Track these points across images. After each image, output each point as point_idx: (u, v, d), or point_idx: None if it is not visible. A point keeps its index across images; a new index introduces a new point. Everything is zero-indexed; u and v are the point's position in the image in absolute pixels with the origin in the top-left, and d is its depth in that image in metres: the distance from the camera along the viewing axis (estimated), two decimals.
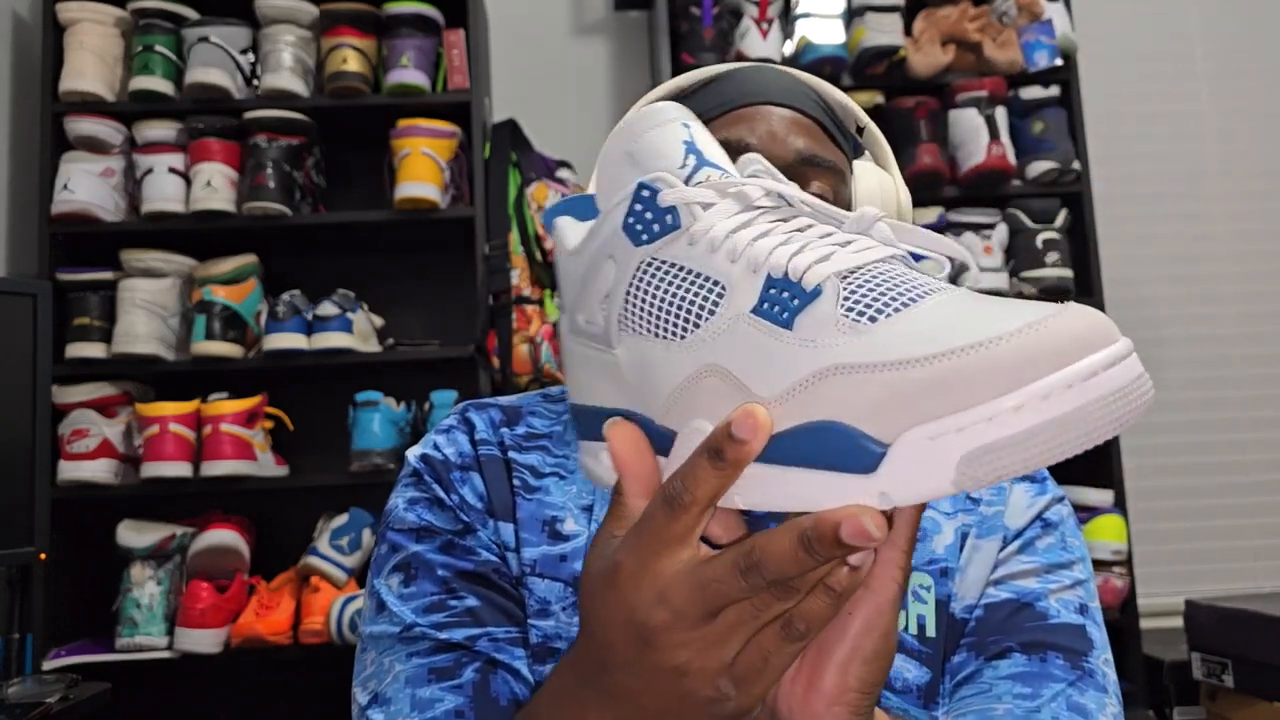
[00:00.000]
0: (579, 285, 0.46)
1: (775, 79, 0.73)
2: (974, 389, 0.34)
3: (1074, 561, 0.70)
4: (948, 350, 0.35)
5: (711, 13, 2.22)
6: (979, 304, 0.37)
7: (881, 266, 0.41)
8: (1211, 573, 2.47)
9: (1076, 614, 0.68)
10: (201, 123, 2.09)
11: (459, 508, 0.68)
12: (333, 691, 2.23)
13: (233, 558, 2.02)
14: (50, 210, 2.03)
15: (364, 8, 2.14)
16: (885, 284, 0.39)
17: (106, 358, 2.03)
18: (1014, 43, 2.24)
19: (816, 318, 0.38)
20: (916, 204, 2.21)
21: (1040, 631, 0.66)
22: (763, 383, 0.39)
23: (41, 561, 1.60)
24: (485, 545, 0.67)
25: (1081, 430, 0.34)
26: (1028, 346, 0.34)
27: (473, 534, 0.68)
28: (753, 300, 0.40)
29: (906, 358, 0.36)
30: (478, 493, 0.69)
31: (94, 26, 2.09)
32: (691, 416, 0.41)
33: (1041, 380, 0.34)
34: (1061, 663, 0.65)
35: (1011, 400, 0.34)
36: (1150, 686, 2.08)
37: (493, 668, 0.63)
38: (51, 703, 1.46)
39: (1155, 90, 2.65)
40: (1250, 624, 1.82)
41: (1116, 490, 2.13)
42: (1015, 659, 0.65)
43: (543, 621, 0.66)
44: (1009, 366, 0.34)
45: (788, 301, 0.39)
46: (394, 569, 0.67)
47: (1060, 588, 0.68)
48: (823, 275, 0.39)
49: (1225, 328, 2.59)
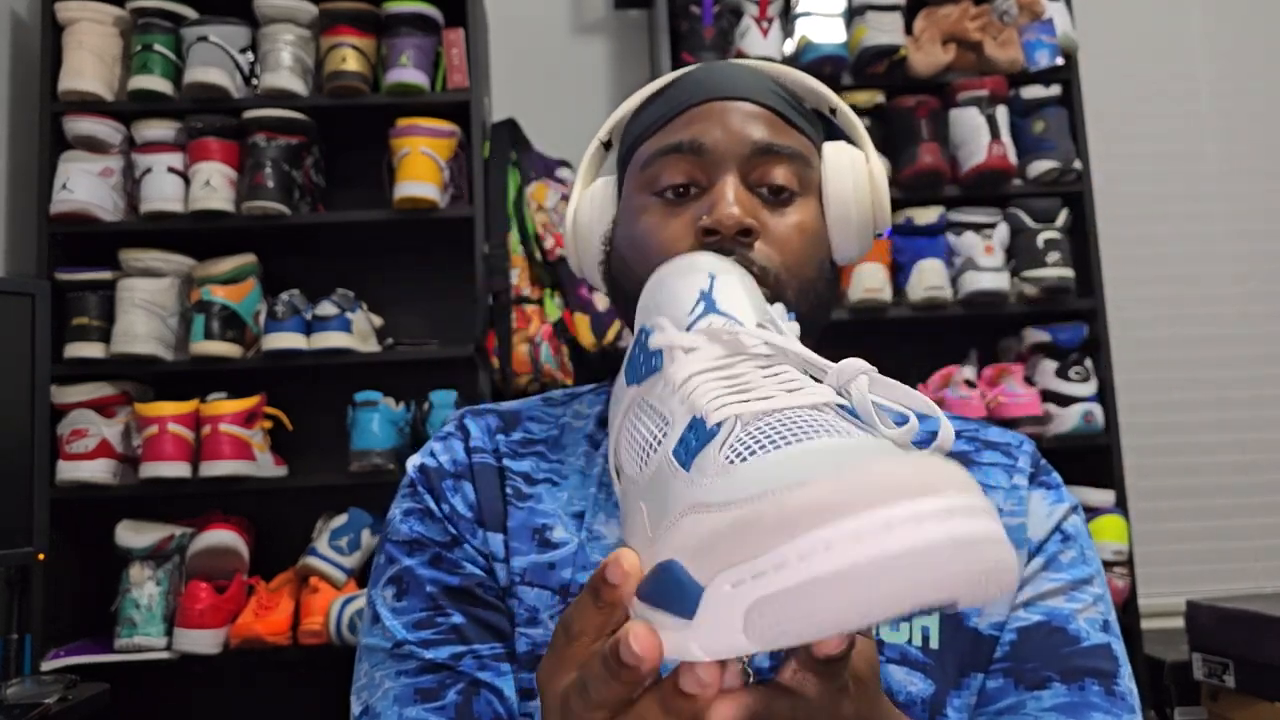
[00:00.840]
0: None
1: (727, 74, 0.73)
2: (766, 535, 0.31)
3: (1093, 576, 0.71)
4: (761, 492, 0.32)
5: (712, 12, 2.21)
6: (851, 452, 0.33)
7: (805, 413, 0.38)
8: (1212, 573, 2.47)
9: (1101, 632, 0.68)
10: (200, 122, 2.08)
11: (448, 518, 0.70)
12: (332, 692, 2.22)
13: (232, 558, 2.02)
14: (49, 210, 2.03)
15: (363, 7, 2.14)
16: (784, 428, 0.36)
17: (105, 358, 2.02)
18: (1015, 42, 2.24)
19: (706, 457, 0.37)
20: (917, 203, 2.20)
21: (1075, 657, 0.66)
22: (659, 522, 0.38)
23: (40, 562, 1.60)
24: (472, 558, 0.69)
25: (877, 590, 0.29)
26: (837, 491, 0.30)
27: (460, 546, 0.69)
28: (675, 440, 0.40)
29: (730, 499, 0.33)
30: (468, 502, 0.71)
31: (93, 26, 2.08)
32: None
33: (827, 528, 0.29)
34: (1098, 688, 0.66)
35: (796, 547, 0.30)
36: (1151, 687, 2.08)
37: (475, 689, 0.65)
38: (50, 703, 1.45)
39: (1156, 89, 2.64)
40: (1251, 624, 1.82)
41: (1117, 490, 2.13)
42: (1056, 689, 0.65)
43: (532, 630, 0.67)
44: (806, 512, 0.30)
45: (692, 441, 0.39)
46: (388, 581, 0.70)
47: (1085, 606, 0.69)
48: (724, 415, 0.38)
49: (1226, 327, 2.59)
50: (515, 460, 0.73)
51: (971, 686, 0.67)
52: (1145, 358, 2.52)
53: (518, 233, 2.13)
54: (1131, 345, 2.46)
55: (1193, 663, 1.95)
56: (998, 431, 0.77)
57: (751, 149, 0.70)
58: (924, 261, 2.15)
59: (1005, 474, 0.73)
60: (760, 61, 0.77)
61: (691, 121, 0.71)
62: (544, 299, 2.12)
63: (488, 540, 0.70)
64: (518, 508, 0.71)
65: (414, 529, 0.70)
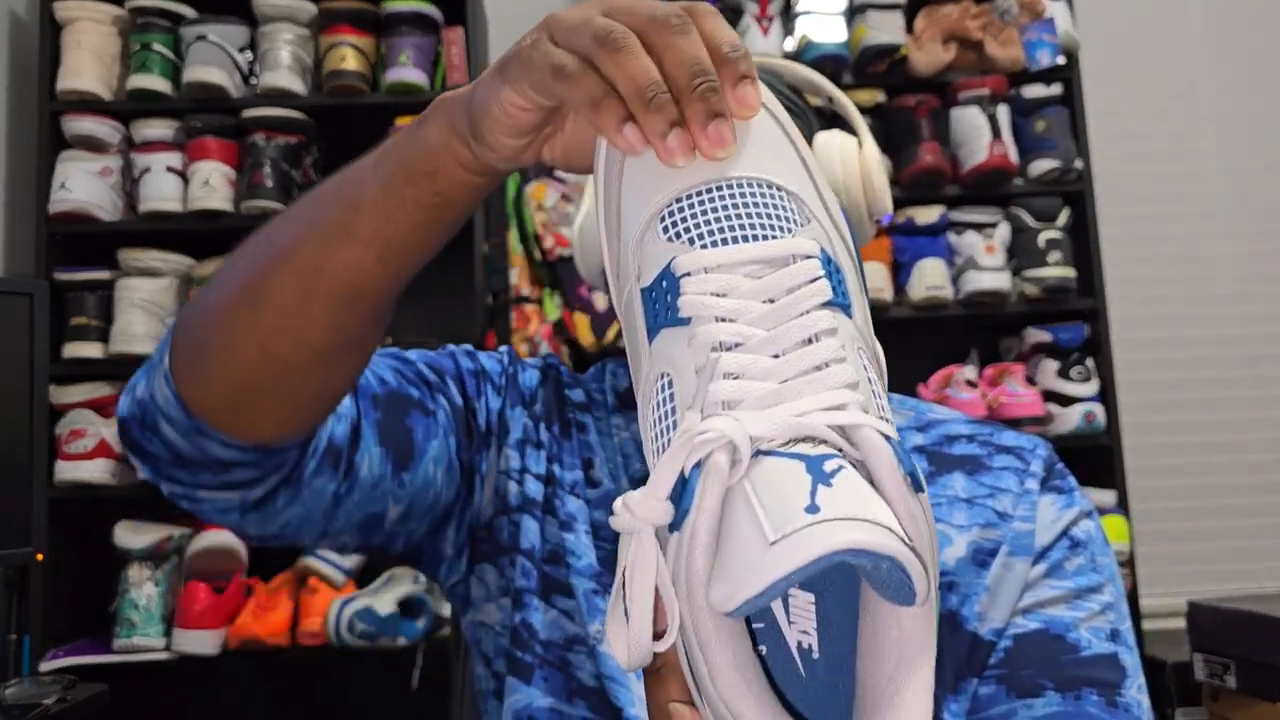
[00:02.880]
0: None
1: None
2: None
3: (1104, 584, 0.69)
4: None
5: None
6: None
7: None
8: (1214, 573, 2.46)
9: (1108, 641, 0.66)
10: (199, 121, 2.08)
11: (482, 374, 0.76)
12: (331, 692, 2.23)
13: (230, 558, 2.01)
14: (47, 209, 2.02)
15: (363, 6, 2.13)
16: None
17: (104, 357, 2.02)
18: (1016, 41, 2.23)
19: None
20: (918, 203, 2.20)
21: (1073, 666, 0.65)
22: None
23: (39, 562, 1.60)
24: (449, 401, 0.73)
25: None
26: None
27: (479, 396, 0.74)
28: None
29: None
30: (528, 387, 0.77)
31: (91, 25, 2.08)
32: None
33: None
34: (1096, 699, 0.64)
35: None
36: (1152, 687, 2.06)
37: (431, 409, 0.71)
38: (49, 704, 1.45)
39: (1158, 88, 2.64)
40: (1253, 625, 1.81)
41: (1118, 490, 2.13)
42: (1050, 698, 0.64)
43: (566, 534, 0.71)
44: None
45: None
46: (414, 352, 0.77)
47: (1090, 615, 0.67)
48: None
49: (1227, 327, 2.58)
50: (575, 412, 0.78)
51: (968, 691, 0.66)
52: (1147, 357, 2.51)
53: (517, 232, 2.13)
54: (1133, 345, 2.45)
55: (1194, 663, 1.94)
56: (1012, 435, 0.76)
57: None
58: (925, 261, 2.15)
59: (1017, 479, 0.72)
60: (759, 56, 0.77)
61: None
62: (543, 298, 2.12)
63: (536, 431, 0.74)
64: (576, 436, 0.76)
65: (456, 362, 0.75)
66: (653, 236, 0.41)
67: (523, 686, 0.68)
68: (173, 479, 0.60)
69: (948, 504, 0.71)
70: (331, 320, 0.53)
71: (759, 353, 0.37)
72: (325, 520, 0.66)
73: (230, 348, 0.55)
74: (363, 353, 0.58)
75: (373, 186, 0.50)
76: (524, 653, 0.69)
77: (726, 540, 0.34)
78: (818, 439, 0.35)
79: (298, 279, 0.52)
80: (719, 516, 0.34)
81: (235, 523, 0.63)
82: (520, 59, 0.43)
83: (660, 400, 0.39)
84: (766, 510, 0.33)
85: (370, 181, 0.51)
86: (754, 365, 0.37)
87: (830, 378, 0.37)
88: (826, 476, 0.33)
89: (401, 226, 0.50)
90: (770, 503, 0.33)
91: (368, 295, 0.53)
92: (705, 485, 0.34)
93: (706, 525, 0.34)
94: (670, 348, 0.39)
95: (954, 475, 0.72)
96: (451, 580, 0.76)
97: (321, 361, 0.55)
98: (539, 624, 0.69)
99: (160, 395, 0.57)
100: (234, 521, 0.63)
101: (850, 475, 0.34)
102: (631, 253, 0.42)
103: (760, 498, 0.34)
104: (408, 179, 0.49)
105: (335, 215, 0.51)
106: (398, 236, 0.50)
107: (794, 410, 0.36)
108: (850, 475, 0.34)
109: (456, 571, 0.75)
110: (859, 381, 0.37)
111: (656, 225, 0.41)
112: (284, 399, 0.56)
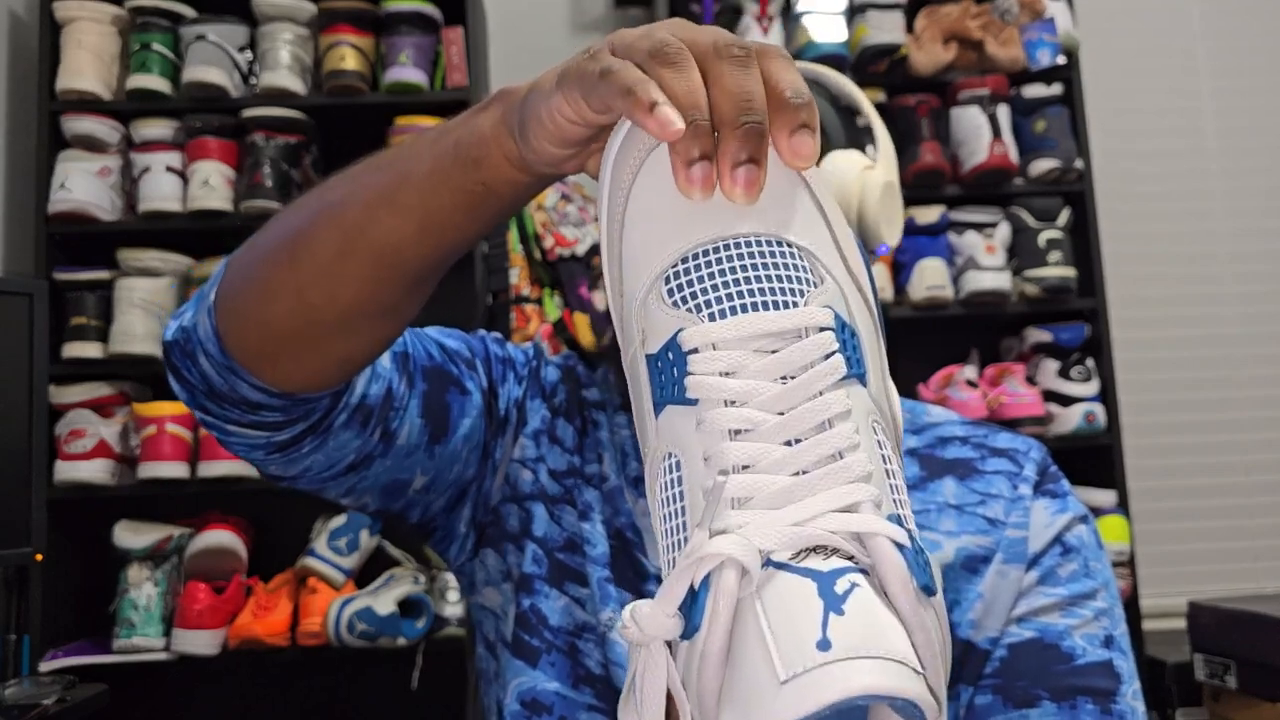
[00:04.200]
0: None
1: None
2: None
3: (1097, 590, 0.69)
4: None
5: (712, 10, 2.21)
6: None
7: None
8: (1214, 574, 2.46)
9: (1102, 648, 0.66)
10: (199, 121, 2.08)
11: (508, 362, 0.77)
12: (331, 693, 2.22)
13: (230, 559, 2.01)
14: (47, 209, 2.02)
15: (362, 5, 2.13)
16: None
17: (103, 357, 2.02)
18: (1016, 40, 2.23)
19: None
20: (919, 202, 2.20)
21: (1069, 675, 0.65)
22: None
23: (38, 562, 1.60)
24: (479, 383, 0.74)
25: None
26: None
27: (502, 382, 0.76)
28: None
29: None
30: (550, 381, 0.77)
31: (91, 25, 2.08)
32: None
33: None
34: (1092, 707, 0.64)
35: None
36: (1153, 688, 2.07)
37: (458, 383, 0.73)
38: (49, 704, 1.45)
39: (1158, 88, 2.64)
40: (1253, 625, 1.81)
41: (1119, 491, 2.13)
42: (1046, 707, 0.64)
43: (583, 523, 0.72)
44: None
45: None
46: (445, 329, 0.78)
47: (1083, 622, 0.67)
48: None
49: (1228, 327, 2.58)
50: (592, 410, 0.79)
51: (961, 698, 0.66)
52: (1147, 357, 2.51)
53: (517, 232, 2.13)
54: (1133, 345, 2.45)
55: (1194, 664, 1.94)
56: (1007, 437, 0.75)
57: None
58: (925, 261, 2.14)
59: (1009, 483, 0.71)
60: (803, 63, 0.74)
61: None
62: (543, 298, 2.11)
63: (553, 424, 0.75)
64: (593, 432, 0.77)
65: (486, 342, 0.77)
66: (657, 299, 0.40)
67: (529, 670, 0.69)
68: (205, 409, 0.62)
69: (937, 510, 0.70)
70: (367, 281, 0.54)
71: (770, 440, 0.36)
72: (353, 475, 0.68)
73: (268, 292, 0.56)
74: (396, 320, 0.59)
75: (425, 161, 0.51)
76: (532, 637, 0.70)
77: (736, 663, 0.34)
78: (829, 548, 0.35)
79: (340, 236, 0.53)
80: (729, 635, 0.34)
81: (260, 460, 0.65)
82: (576, 66, 0.43)
83: (667, 482, 0.38)
84: (777, 640, 0.32)
85: (424, 156, 0.51)
86: (765, 456, 0.36)
87: (844, 471, 0.36)
88: (838, 601, 0.33)
89: (444, 205, 0.51)
90: (781, 631, 0.33)
91: (404, 264, 0.54)
92: (715, 605, 0.34)
93: (717, 645, 0.34)
94: (677, 427, 0.38)
95: (945, 481, 0.72)
96: (460, 560, 0.77)
97: (353, 321, 0.56)
98: (549, 610, 0.70)
99: (202, 328, 0.59)
100: (259, 459, 0.65)
101: (862, 597, 0.33)
102: (635, 313, 0.41)
103: (770, 622, 0.33)
104: (456, 161, 0.50)
105: (385, 180, 0.53)
106: (439, 214, 0.51)
107: (806, 512, 0.35)
108: (862, 597, 0.33)
109: (464, 552, 0.76)
110: (872, 472, 0.36)
111: (661, 287, 0.39)
112: (314, 352, 0.57)
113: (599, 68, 0.41)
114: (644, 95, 0.38)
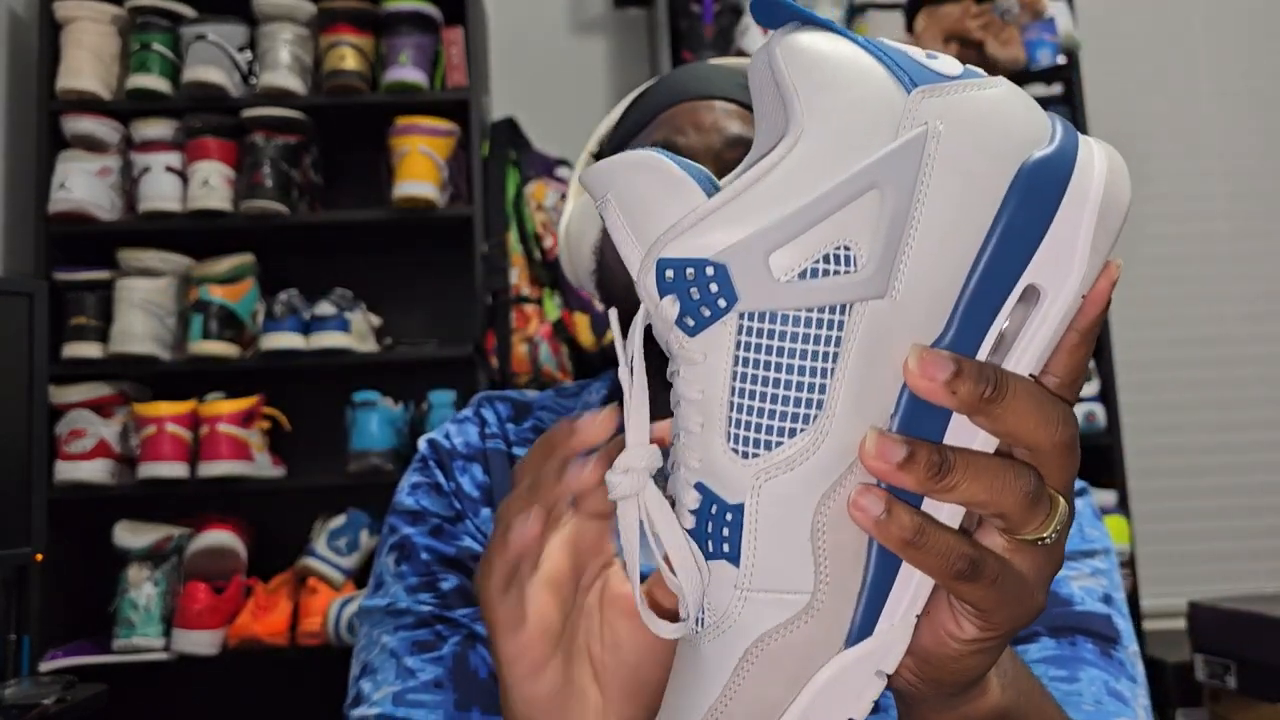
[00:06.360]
0: None
1: (699, 75, 0.72)
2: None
3: (1095, 552, 0.68)
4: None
5: (712, 10, 2.21)
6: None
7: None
8: (1214, 574, 2.46)
9: (1101, 603, 0.66)
10: (199, 121, 2.08)
11: (454, 494, 0.72)
12: (330, 693, 2.22)
13: (230, 559, 2.01)
14: (47, 209, 2.02)
15: (362, 5, 2.13)
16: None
17: (103, 357, 2.02)
18: (1016, 40, 2.23)
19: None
20: None
21: (1067, 617, 0.64)
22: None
23: (38, 562, 1.59)
24: (471, 533, 0.71)
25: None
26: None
27: (462, 521, 0.71)
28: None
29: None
30: (476, 482, 0.73)
31: (91, 24, 2.08)
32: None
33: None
34: (1092, 647, 0.63)
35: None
36: (1153, 688, 2.06)
37: (472, 642, 0.66)
38: (48, 704, 1.45)
39: (1158, 88, 2.64)
40: (1253, 625, 1.81)
41: (1119, 490, 2.13)
42: (1044, 642, 0.63)
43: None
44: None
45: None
46: (391, 549, 0.71)
47: (1081, 575, 0.67)
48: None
49: (1228, 327, 2.58)
50: (523, 448, 0.74)
51: None
52: (1147, 358, 2.51)
53: (517, 232, 2.13)
54: (1133, 345, 2.45)
55: (1194, 664, 1.94)
56: None
57: (724, 144, 0.68)
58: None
59: None
60: (740, 59, 0.75)
61: (664, 124, 0.70)
62: (543, 298, 2.11)
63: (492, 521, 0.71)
64: None
65: (419, 501, 0.72)
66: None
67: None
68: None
69: None
70: None
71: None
72: None
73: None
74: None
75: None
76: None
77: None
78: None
79: None
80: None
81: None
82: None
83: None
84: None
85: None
86: None
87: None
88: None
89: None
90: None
91: None
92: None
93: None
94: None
95: None
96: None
97: None
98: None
99: None
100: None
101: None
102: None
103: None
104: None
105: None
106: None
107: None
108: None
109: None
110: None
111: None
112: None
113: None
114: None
